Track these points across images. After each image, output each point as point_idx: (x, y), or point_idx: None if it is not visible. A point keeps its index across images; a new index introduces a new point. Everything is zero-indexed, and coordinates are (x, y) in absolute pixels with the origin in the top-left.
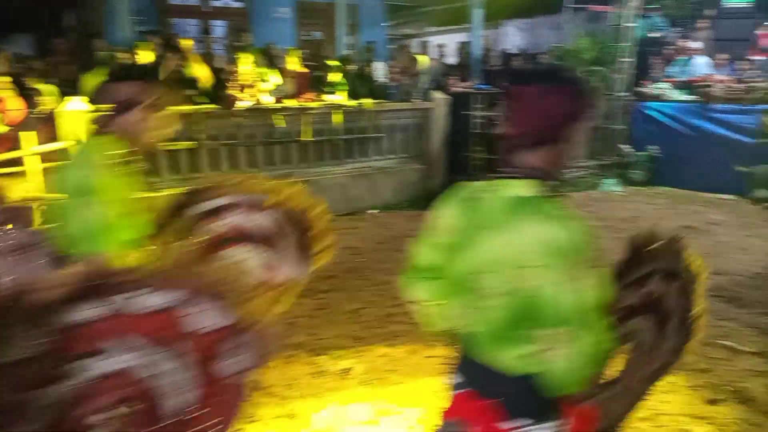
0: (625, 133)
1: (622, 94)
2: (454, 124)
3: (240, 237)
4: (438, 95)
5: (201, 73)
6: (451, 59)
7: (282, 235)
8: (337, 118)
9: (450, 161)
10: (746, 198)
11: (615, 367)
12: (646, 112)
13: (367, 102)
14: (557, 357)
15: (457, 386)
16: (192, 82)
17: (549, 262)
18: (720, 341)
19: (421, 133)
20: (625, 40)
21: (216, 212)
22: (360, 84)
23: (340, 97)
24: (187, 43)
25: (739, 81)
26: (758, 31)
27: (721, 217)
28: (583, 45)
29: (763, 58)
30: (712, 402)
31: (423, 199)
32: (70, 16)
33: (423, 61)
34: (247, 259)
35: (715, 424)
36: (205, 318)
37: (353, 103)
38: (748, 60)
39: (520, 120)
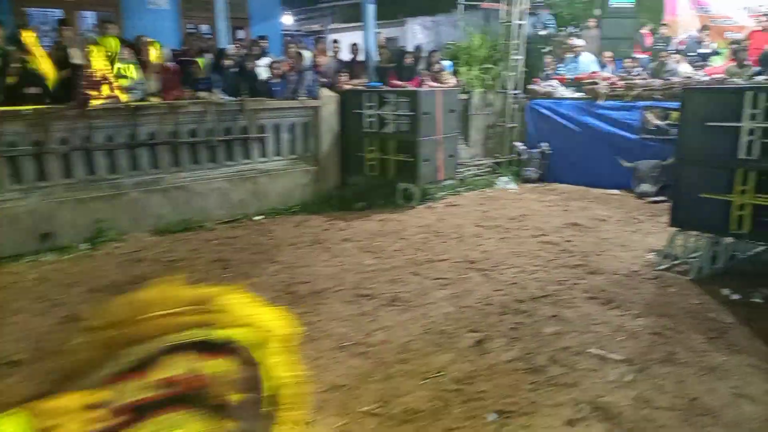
0: (518, 131)
1: (515, 92)
2: (346, 123)
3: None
4: (327, 93)
5: (47, 68)
6: (347, 56)
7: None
8: (211, 117)
9: (343, 162)
10: (632, 193)
11: None
12: (538, 109)
13: (248, 100)
14: None
15: None
16: (37, 79)
17: None
18: (589, 349)
19: (310, 133)
20: (516, 37)
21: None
22: (240, 81)
23: (219, 95)
24: (28, 35)
25: (622, 78)
26: (642, 30)
27: (607, 212)
28: (475, 43)
29: (647, 56)
30: (572, 423)
31: (315, 203)
32: None
33: (308, 56)
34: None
35: None
36: None
37: (232, 100)
38: (633, 58)
39: None
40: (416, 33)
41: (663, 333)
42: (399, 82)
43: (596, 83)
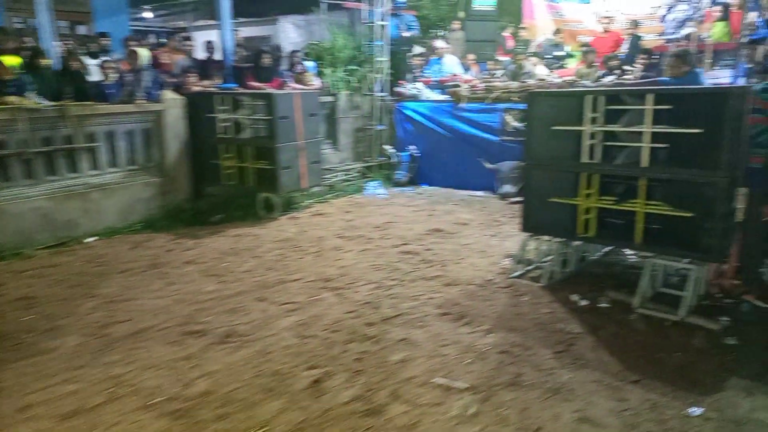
0: (387, 134)
1: (382, 94)
2: (199, 128)
3: None
4: (171, 95)
5: None
6: (202, 55)
7: None
8: (24, 125)
9: (196, 171)
10: (495, 194)
11: None
12: (405, 112)
13: (72, 104)
14: None
15: None
16: None
17: None
18: (434, 378)
19: (153, 140)
20: (380, 39)
21: None
22: (62, 82)
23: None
24: None
25: (483, 81)
26: (504, 33)
27: (470, 216)
28: (339, 43)
29: (509, 59)
30: None
31: (162, 218)
32: None
33: (145, 55)
34: None
35: None
36: None
37: (49, 105)
38: (496, 60)
39: None
40: (289, 32)
41: (511, 351)
42: (257, 84)
43: (458, 86)
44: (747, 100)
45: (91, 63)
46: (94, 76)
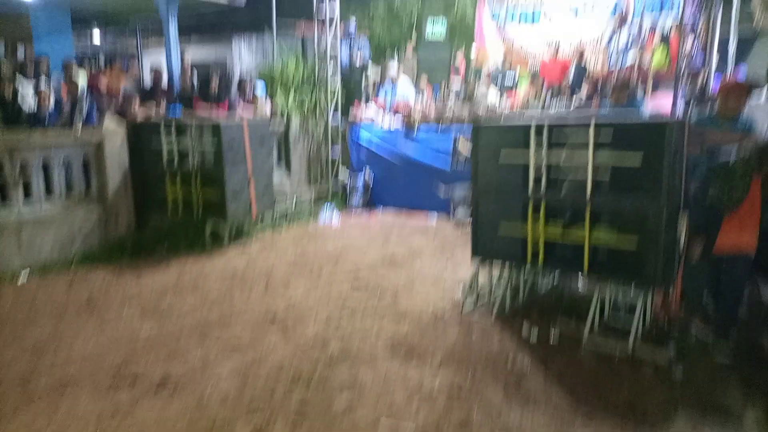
0: (342, 158)
1: (336, 117)
2: (143, 157)
3: None
4: (113, 123)
5: None
6: (149, 78)
7: None
8: None
9: (140, 201)
10: (450, 218)
11: None
12: (360, 135)
13: (3, 132)
14: None
15: None
16: None
17: None
18: (380, 425)
19: (93, 170)
20: (332, 62)
21: None
22: None
23: None
24: None
25: (435, 107)
26: (457, 58)
27: (424, 241)
28: (291, 67)
29: (462, 82)
30: None
31: (103, 252)
32: None
33: (82, 80)
34: None
35: None
36: None
37: None
38: (448, 85)
39: None
40: (243, 53)
41: (461, 389)
42: (206, 108)
43: (411, 110)
44: (685, 132)
45: (27, 87)
46: (29, 101)
